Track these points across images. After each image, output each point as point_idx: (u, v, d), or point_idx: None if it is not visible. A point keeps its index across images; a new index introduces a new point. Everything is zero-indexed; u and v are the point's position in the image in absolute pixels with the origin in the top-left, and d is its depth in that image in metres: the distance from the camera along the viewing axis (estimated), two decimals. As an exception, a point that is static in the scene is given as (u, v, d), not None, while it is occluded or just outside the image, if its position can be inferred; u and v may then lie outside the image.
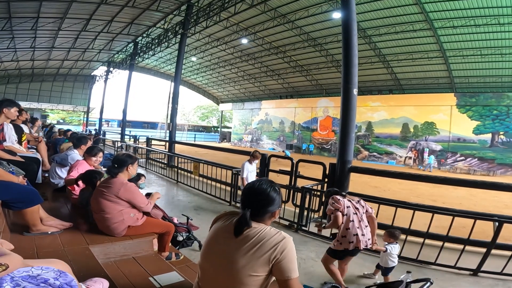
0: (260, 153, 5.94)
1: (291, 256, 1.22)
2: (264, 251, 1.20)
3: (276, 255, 1.20)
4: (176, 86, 13.17)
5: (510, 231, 3.95)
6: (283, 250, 1.21)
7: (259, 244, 1.22)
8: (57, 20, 15.76)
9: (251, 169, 5.58)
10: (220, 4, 13.59)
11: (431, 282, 1.39)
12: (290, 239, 1.26)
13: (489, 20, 14.60)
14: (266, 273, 1.22)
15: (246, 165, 5.52)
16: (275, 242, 1.22)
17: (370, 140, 24.37)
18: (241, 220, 1.27)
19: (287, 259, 1.21)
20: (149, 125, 41.60)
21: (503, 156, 18.47)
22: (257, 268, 1.20)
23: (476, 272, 3.39)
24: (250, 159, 5.66)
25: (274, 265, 1.21)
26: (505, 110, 18.56)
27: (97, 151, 3.53)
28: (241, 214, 1.29)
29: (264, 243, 1.22)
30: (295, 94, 31.39)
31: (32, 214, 2.19)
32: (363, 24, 17.35)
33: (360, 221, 2.85)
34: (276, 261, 1.20)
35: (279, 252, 1.20)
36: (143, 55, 20.53)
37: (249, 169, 5.54)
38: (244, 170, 5.48)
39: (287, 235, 1.27)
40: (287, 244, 1.23)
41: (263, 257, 1.20)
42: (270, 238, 1.23)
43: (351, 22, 5.54)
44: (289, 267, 1.21)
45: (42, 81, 28.91)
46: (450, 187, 9.79)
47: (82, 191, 2.96)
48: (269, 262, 1.20)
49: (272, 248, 1.21)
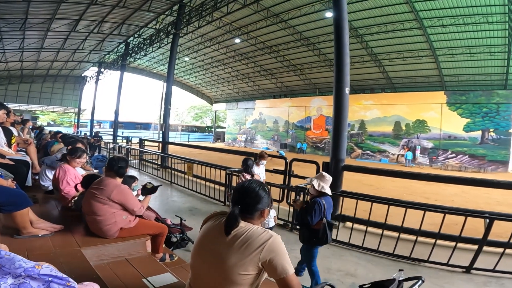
0: (267, 153, 5.55)
1: (281, 253, 1.22)
2: (252, 250, 1.21)
3: (264, 255, 1.20)
4: (168, 86, 13.09)
5: (501, 228, 3.99)
6: (271, 249, 1.21)
7: (246, 243, 1.22)
8: (46, 21, 15.51)
9: (257, 171, 5.14)
10: (213, 4, 13.54)
11: (423, 280, 1.41)
12: (278, 237, 1.26)
13: (478, 19, 14.85)
14: (256, 272, 1.22)
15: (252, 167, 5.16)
16: (262, 241, 1.22)
17: (363, 138, 24.58)
18: (230, 217, 1.28)
19: (278, 257, 1.21)
20: (142, 126, 41.24)
21: (494, 153, 18.81)
22: (247, 267, 1.20)
23: (469, 270, 3.41)
24: (257, 160, 5.26)
25: (266, 265, 1.21)
26: (495, 107, 18.90)
27: (81, 152, 3.42)
28: (230, 210, 1.30)
29: (251, 242, 1.22)
30: (289, 94, 31.48)
31: (21, 217, 2.18)
32: (355, 23, 17.49)
33: None
34: (266, 261, 1.20)
35: (267, 251, 1.20)
36: (135, 55, 20.34)
37: (256, 171, 5.08)
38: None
39: (274, 233, 1.27)
40: (274, 243, 1.23)
41: (251, 256, 1.20)
42: (257, 237, 1.24)
43: (342, 21, 5.58)
44: (282, 265, 1.21)
45: (32, 82, 28.41)
46: (442, 185, 9.93)
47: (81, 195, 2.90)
48: (258, 261, 1.20)
49: (259, 247, 1.21)
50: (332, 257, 3.79)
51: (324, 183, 2.89)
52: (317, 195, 2.86)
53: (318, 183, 2.89)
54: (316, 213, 2.75)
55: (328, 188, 2.90)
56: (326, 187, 2.89)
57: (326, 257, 3.80)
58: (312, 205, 2.80)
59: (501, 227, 3.85)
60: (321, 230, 2.76)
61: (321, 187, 2.86)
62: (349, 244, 4.10)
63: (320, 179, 2.92)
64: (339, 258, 3.77)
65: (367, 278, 3.22)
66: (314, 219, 2.75)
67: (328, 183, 2.92)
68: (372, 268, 3.52)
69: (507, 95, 18.57)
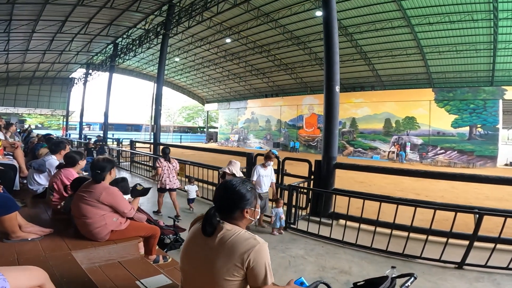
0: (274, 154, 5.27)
1: (265, 262, 1.18)
2: (237, 255, 1.17)
3: (249, 261, 1.16)
4: (159, 87, 12.98)
5: (491, 223, 4.05)
6: (256, 256, 1.17)
7: (232, 248, 1.18)
8: (31, 22, 15.17)
9: (264, 173, 4.89)
10: (203, 4, 13.47)
11: (415, 277, 1.43)
12: (265, 245, 1.21)
13: (463, 17, 15.16)
14: (241, 278, 1.19)
15: (258, 168, 4.92)
16: (248, 247, 1.18)
17: (354, 136, 24.81)
18: (206, 216, 1.25)
19: (260, 266, 1.17)
20: (133, 127, 40.66)
21: (482, 148, 19.21)
22: (232, 272, 1.17)
23: (461, 265, 3.44)
24: (264, 162, 4.94)
25: (248, 271, 1.18)
26: (482, 103, 19.30)
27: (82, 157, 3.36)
28: (208, 210, 1.26)
29: (237, 246, 1.18)
30: (281, 93, 31.56)
31: (10, 221, 2.16)
32: (344, 22, 17.65)
33: (170, 173, 5.32)
34: (249, 267, 1.17)
35: (252, 258, 1.16)
36: (124, 56, 20.05)
37: (262, 173, 4.87)
38: (255, 173, 4.87)
39: (262, 240, 1.23)
40: (260, 250, 1.19)
41: (236, 261, 1.17)
42: (243, 241, 1.19)
43: (331, 20, 5.62)
44: (264, 274, 1.18)
45: (18, 84, 27.74)
46: (432, 180, 10.07)
47: (70, 197, 2.85)
48: (242, 267, 1.17)
49: (245, 253, 1.17)
50: (326, 255, 3.82)
51: (233, 167, 4.03)
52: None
53: (230, 168, 4.00)
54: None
55: (239, 171, 4.08)
56: (237, 169, 4.04)
57: (320, 255, 3.83)
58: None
59: (491, 222, 3.90)
60: None
61: (233, 171, 3.97)
62: (343, 242, 4.12)
63: (231, 165, 4.06)
64: (333, 256, 3.79)
65: (361, 275, 3.23)
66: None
67: (237, 167, 4.08)
68: (366, 265, 3.54)
69: (493, 91, 19.00)
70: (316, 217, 4.82)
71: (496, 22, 15.09)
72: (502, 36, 16.18)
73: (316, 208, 5.22)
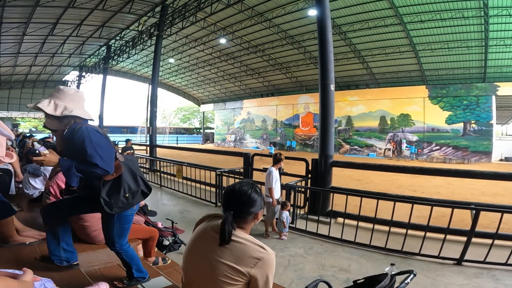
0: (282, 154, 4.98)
1: (270, 273, 1.19)
2: (244, 262, 1.17)
3: (255, 270, 1.17)
4: (153, 89, 12.90)
5: (488, 219, 4.08)
6: (263, 266, 1.17)
7: (240, 255, 1.18)
8: (22, 25, 14.97)
9: (278, 177, 4.64)
10: (196, 5, 13.41)
11: (415, 274, 1.44)
12: (273, 256, 1.22)
13: (454, 14, 15.31)
14: (243, 285, 1.19)
15: (274, 173, 4.51)
16: (257, 255, 1.18)
17: (350, 134, 24.94)
18: (225, 225, 1.23)
19: (265, 276, 1.18)
20: (128, 129, 40.36)
21: (476, 144, 19.42)
22: (235, 277, 1.17)
23: (460, 262, 3.46)
24: (276, 164, 4.67)
25: (252, 279, 1.18)
26: (475, 100, 19.53)
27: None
28: (223, 217, 1.25)
29: (245, 254, 1.18)
30: (276, 92, 31.58)
31: (6, 226, 2.16)
32: (338, 21, 17.72)
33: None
34: (254, 276, 1.17)
35: (259, 267, 1.17)
36: (117, 58, 19.91)
37: (277, 176, 4.58)
38: (273, 179, 4.47)
39: (270, 250, 1.22)
40: (268, 261, 1.19)
41: (242, 268, 1.17)
42: (252, 250, 1.19)
43: (325, 19, 5.65)
44: (266, 284, 1.19)
45: (10, 88, 27.37)
46: (428, 176, 10.17)
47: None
48: (248, 274, 1.17)
49: (252, 261, 1.17)
50: (325, 254, 3.83)
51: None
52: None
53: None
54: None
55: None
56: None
57: (319, 253, 3.84)
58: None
59: (487, 218, 3.94)
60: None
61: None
62: (342, 240, 4.14)
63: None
64: (332, 254, 3.80)
65: (361, 273, 3.24)
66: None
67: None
68: (365, 263, 3.56)
69: (486, 87, 19.22)
70: (314, 215, 4.84)
71: (486, 19, 15.26)
72: (493, 33, 16.36)
73: (314, 206, 5.24)
